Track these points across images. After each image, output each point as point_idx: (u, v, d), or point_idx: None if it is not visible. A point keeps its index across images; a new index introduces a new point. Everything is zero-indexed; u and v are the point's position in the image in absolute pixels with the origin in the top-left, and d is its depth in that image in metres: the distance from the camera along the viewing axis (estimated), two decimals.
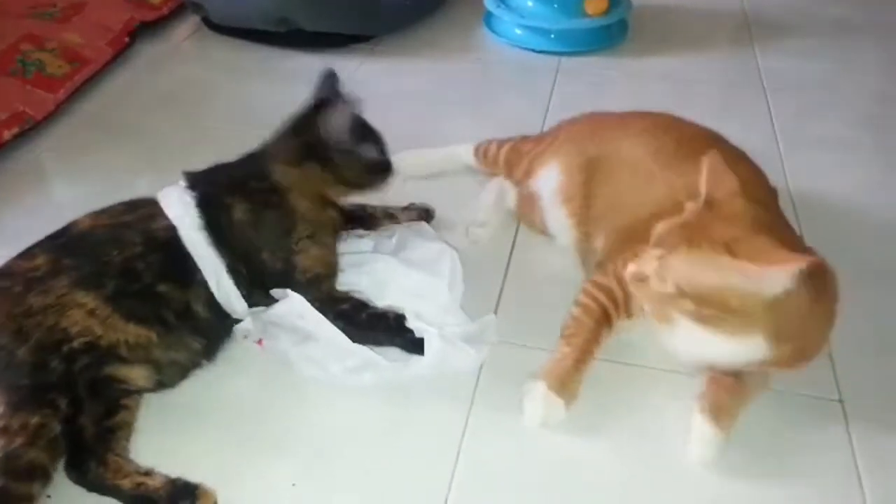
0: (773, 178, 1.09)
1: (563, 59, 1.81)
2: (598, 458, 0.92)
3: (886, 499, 0.88)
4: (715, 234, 0.82)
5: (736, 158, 1.05)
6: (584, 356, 0.96)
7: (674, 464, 0.91)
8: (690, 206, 0.88)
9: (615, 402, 0.98)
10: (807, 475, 0.90)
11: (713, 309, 0.82)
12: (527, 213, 1.25)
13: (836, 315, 0.89)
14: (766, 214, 0.89)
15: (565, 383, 0.95)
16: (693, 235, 0.83)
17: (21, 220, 1.30)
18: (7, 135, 1.41)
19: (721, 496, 0.88)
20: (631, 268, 0.87)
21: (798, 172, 1.40)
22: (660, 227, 0.87)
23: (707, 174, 0.87)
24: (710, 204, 0.86)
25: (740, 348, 0.86)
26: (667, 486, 0.89)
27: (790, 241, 0.88)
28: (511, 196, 1.29)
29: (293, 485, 0.87)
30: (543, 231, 1.24)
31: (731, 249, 0.80)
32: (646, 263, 0.86)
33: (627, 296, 0.97)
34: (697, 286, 0.82)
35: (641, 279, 0.87)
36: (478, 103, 1.66)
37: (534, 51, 1.85)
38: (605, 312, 0.99)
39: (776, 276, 0.79)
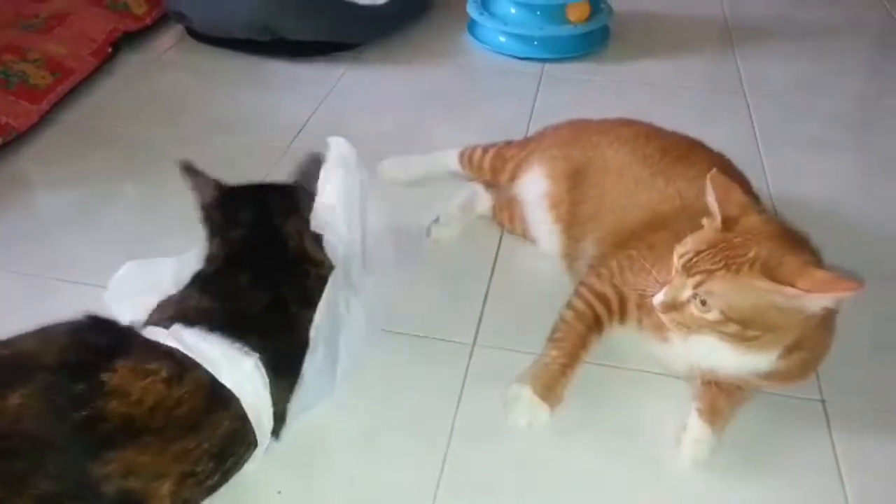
0: (754, 181, 1.11)
1: (547, 66, 1.83)
2: (584, 459, 0.93)
3: (867, 499, 0.89)
4: (748, 255, 0.82)
5: (720, 165, 1.06)
6: (571, 361, 0.97)
7: (659, 464, 0.92)
8: (707, 225, 0.88)
9: (601, 404, 0.99)
10: (789, 475, 0.91)
11: (758, 329, 0.83)
12: (510, 217, 1.26)
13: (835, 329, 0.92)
14: (777, 223, 0.89)
15: (551, 388, 0.96)
16: (727, 259, 0.82)
17: (3, 230, 1.29)
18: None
19: (704, 496, 0.89)
20: (659, 297, 0.87)
21: (778, 175, 1.42)
22: (680, 250, 0.87)
23: (716, 193, 0.87)
24: (727, 223, 0.86)
25: (753, 361, 0.87)
26: (652, 487, 0.90)
27: (802, 246, 0.88)
28: (484, 201, 1.30)
29: (279, 492, 0.87)
30: (527, 236, 1.25)
31: (769, 270, 0.80)
32: (678, 291, 0.85)
33: (623, 302, 0.99)
34: (743, 310, 0.82)
35: (674, 307, 0.86)
36: (462, 110, 1.67)
37: (517, 57, 1.86)
38: (597, 318, 1.00)
39: (826, 300, 0.80)
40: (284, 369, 0.88)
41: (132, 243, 1.09)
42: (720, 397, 0.92)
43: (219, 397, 0.82)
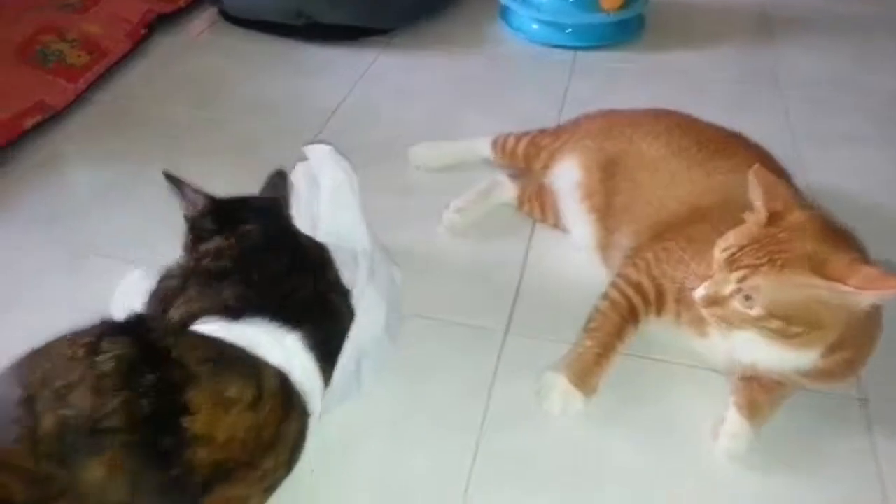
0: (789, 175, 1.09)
1: (579, 54, 1.81)
2: (618, 450, 0.93)
3: None
4: (794, 251, 0.81)
5: (760, 158, 1.05)
6: (606, 351, 0.97)
7: (693, 459, 0.92)
8: (749, 220, 0.87)
9: (636, 396, 0.99)
10: (826, 473, 0.90)
11: (802, 326, 0.82)
12: (542, 207, 1.26)
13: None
14: (823, 219, 0.88)
15: (585, 377, 0.96)
16: (772, 255, 0.81)
17: (39, 208, 1.32)
18: (28, 123, 1.42)
19: (738, 492, 0.89)
20: (701, 291, 0.86)
21: (813, 169, 1.40)
22: (722, 245, 0.85)
23: (760, 187, 0.86)
24: (771, 218, 0.85)
25: (795, 358, 0.86)
26: (685, 481, 0.90)
27: (848, 242, 0.86)
28: (507, 190, 1.29)
29: (311, 471, 0.88)
30: (558, 225, 1.24)
31: (816, 266, 0.79)
32: (721, 286, 0.84)
33: (659, 294, 0.98)
34: (788, 307, 0.81)
35: (716, 302, 0.85)
36: (493, 97, 1.66)
37: (549, 45, 1.84)
38: (632, 308, 0.99)
39: (874, 297, 0.78)
40: (325, 356, 0.88)
41: (162, 222, 1.09)
42: (759, 393, 0.91)
43: (290, 402, 0.81)
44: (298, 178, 1.09)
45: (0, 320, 1.08)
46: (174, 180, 1.00)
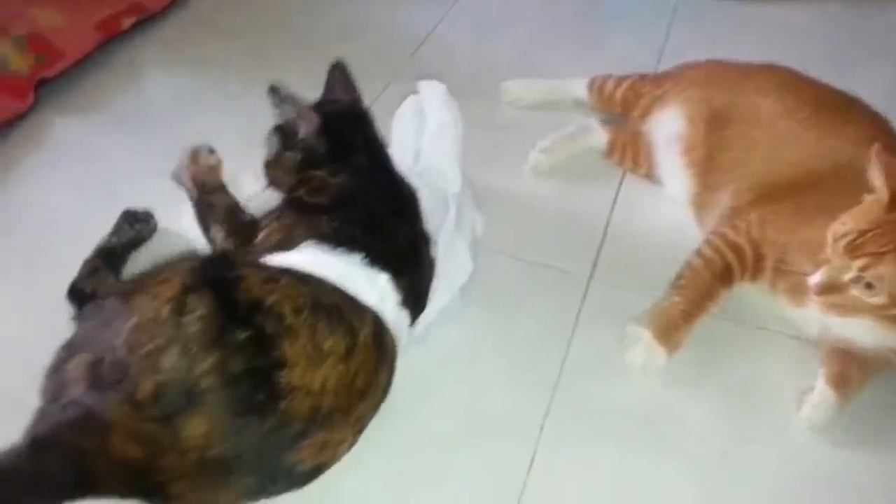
0: None
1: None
2: (695, 410, 0.92)
3: None
4: None
5: (879, 126, 1.00)
6: (694, 309, 0.95)
7: (772, 427, 0.91)
8: (869, 202, 0.83)
9: (717, 357, 0.97)
10: None
11: None
12: (634, 156, 1.22)
13: None
14: None
15: (670, 333, 0.94)
16: None
17: (132, 104, 1.34)
18: (126, 24, 1.43)
19: (819, 467, 0.87)
20: (816, 278, 0.83)
21: None
22: (839, 229, 0.82)
23: (883, 170, 0.82)
24: (894, 201, 0.81)
25: None
26: (761, 448, 0.89)
27: None
28: (598, 136, 1.25)
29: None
30: (650, 176, 1.21)
31: None
32: (839, 273, 0.81)
33: (758, 258, 0.95)
34: None
35: (833, 289, 0.82)
36: (587, 37, 1.60)
37: None
38: (727, 269, 0.96)
39: None
40: (412, 301, 0.89)
41: (236, 140, 1.09)
42: (852, 367, 0.89)
43: (381, 349, 0.82)
44: (407, 110, 1.08)
45: (96, 208, 1.09)
46: (283, 95, 0.98)
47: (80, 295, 0.92)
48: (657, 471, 0.86)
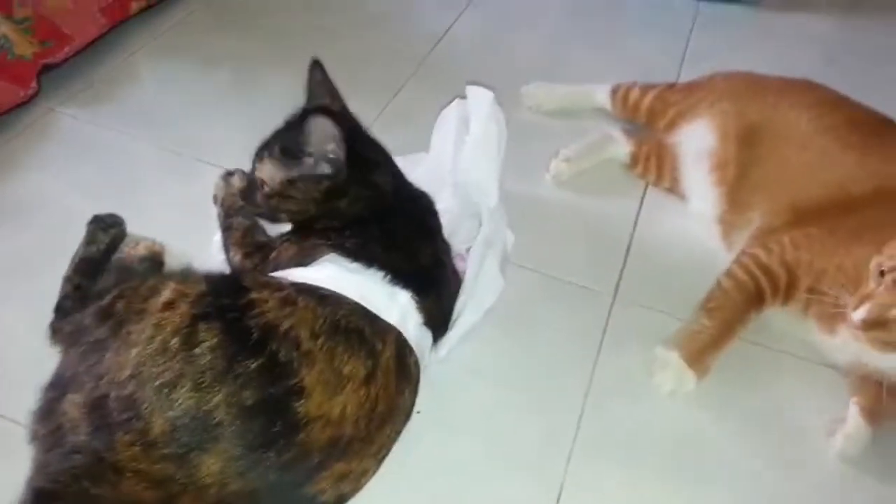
0: None
1: (702, 5, 1.69)
2: (722, 437, 0.89)
3: None
4: None
5: None
6: (724, 333, 0.92)
7: (800, 454, 0.88)
8: None
9: (746, 383, 0.95)
10: None
11: None
12: (658, 168, 1.18)
13: None
14: None
15: (700, 357, 0.92)
16: None
17: (144, 100, 1.30)
18: (134, 7, 1.39)
19: (849, 497, 0.85)
20: (861, 313, 0.80)
21: None
22: (886, 262, 0.79)
23: None
24: None
25: None
26: (791, 476, 0.87)
27: None
28: (620, 147, 1.21)
29: (418, 412, 0.85)
30: (674, 190, 1.18)
31: None
32: (887, 309, 0.78)
33: (791, 282, 0.92)
34: None
35: (879, 325, 0.79)
36: (608, 41, 1.56)
37: None
38: (759, 293, 0.94)
39: None
40: (436, 319, 0.85)
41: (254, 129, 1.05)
42: (885, 397, 0.86)
43: (403, 372, 0.78)
44: (451, 115, 1.04)
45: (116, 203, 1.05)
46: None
47: (66, 314, 0.84)
48: (693, 500, 0.83)
